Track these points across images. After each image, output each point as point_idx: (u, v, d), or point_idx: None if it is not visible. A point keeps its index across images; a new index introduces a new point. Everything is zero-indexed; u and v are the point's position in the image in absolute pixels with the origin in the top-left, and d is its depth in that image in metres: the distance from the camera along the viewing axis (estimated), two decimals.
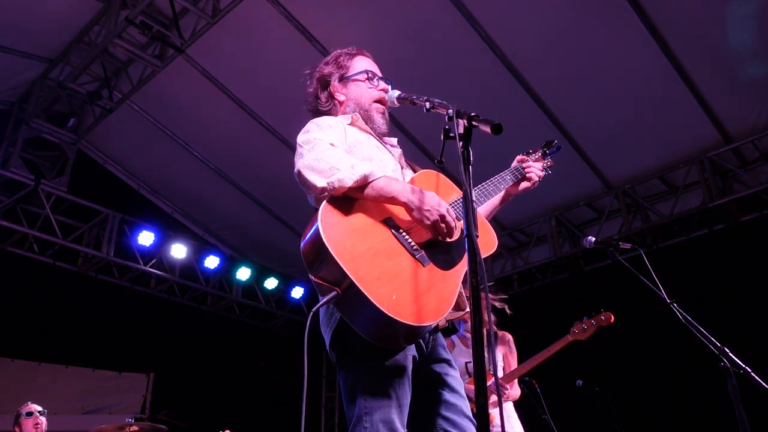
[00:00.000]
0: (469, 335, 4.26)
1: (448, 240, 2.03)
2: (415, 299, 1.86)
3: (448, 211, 1.98)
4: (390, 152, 2.35)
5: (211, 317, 9.05)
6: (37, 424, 4.88)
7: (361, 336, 1.89)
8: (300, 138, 2.12)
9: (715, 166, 6.53)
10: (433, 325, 1.91)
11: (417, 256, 1.96)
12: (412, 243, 1.99)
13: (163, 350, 8.40)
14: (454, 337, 4.28)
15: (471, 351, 4.11)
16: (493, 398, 3.94)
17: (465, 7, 5.59)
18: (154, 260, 8.08)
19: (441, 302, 1.91)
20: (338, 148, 2.06)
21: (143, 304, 8.35)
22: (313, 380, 9.91)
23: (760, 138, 6.27)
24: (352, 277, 1.80)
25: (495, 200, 2.49)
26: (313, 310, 1.91)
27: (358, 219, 1.96)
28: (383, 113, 2.38)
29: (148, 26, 5.76)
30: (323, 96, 2.42)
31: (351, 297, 1.83)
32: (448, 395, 2.10)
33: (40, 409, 5.00)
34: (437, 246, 2.02)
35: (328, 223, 1.88)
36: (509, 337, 4.36)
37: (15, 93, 7.19)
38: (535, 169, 2.52)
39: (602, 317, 3.95)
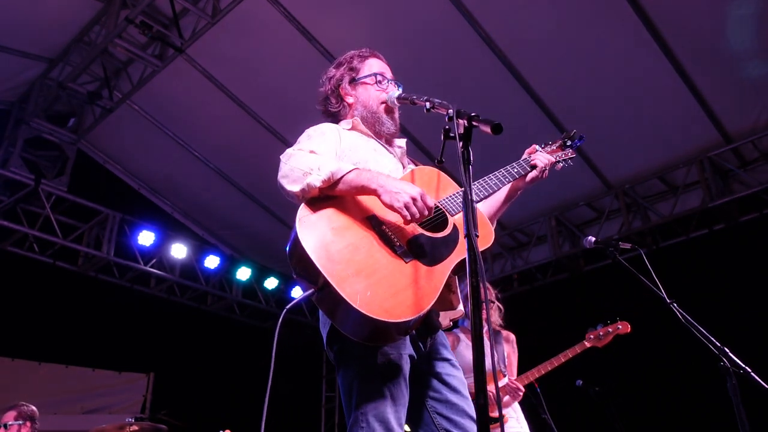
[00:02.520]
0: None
1: (435, 242, 2.01)
2: (392, 295, 1.85)
3: (421, 196, 1.93)
4: (391, 153, 2.36)
5: (211, 317, 9.05)
6: None
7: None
8: (284, 152, 2.13)
9: (715, 166, 6.53)
10: (413, 321, 1.87)
11: (399, 252, 1.95)
12: (395, 240, 1.98)
13: (163, 350, 8.39)
14: (457, 331, 4.20)
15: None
16: (506, 398, 3.93)
17: (465, 7, 5.59)
18: (154, 260, 8.07)
19: (421, 298, 1.89)
20: (318, 155, 2.06)
21: (143, 304, 8.34)
22: (313, 380, 9.91)
23: (760, 138, 6.26)
24: (325, 275, 1.82)
25: (500, 196, 2.42)
26: (287, 307, 1.96)
27: (338, 217, 1.98)
28: (391, 113, 2.38)
29: (148, 26, 5.76)
30: (333, 98, 2.44)
31: (327, 294, 1.85)
32: (449, 395, 2.09)
33: (5, 422, 4.75)
34: (423, 242, 2.01)
35: (305, 222, 1.92)
36: (513, 336, 4.33)
37: (15, 93, 7.19)
38: (542, 156, 2.44)
39: (619, 326, 3.94)
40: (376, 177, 1.98)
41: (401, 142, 2.44)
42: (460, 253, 2.01)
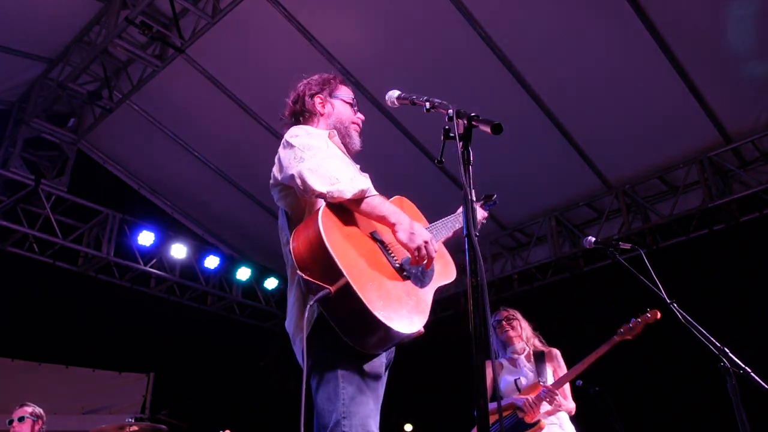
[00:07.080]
0: (515, 356, 4.17)
1: (422, 268, 2.15)
2: (399, 308, 1.96)
3: (431, 240, 2.08)
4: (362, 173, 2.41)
5: (211, 317, 9.05)
6: None
7: (339, 339, 1.92)
8: (295, 141, 2.14)
9: (715, 166, 6.53)
10: (411, 335, 1.96)
11: (396, 269, 2.07)
12: (394, 257, 2.11)
13: (163, 350, 8.40)
14: (503, 360, 4.14)
15: (518, 370, 4.09)
16: (546, 407, 3.89)
17: (465, 7, 5.59)
18: (154, 260, 8.08)
19: (420, 312, 2.02)
20: (335, 158, 2.12)
21: (143, 304, 8.35)
22: (308, 381, 9.90)
23: (760, 138, 6.26)
24: (348, 277, 1.85)
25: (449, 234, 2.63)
26: (309, 303, 1.92)
27: (351, 228, 2.06)
28: (359, 133, 2.49)
29: (148, 26, 5.76)
30: (309, 102, 2.44)
31: (343, 297, 1.86)
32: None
33: (21, 416, 4.88)
34: (411, 266, 2.13)
35: (327, 225, 1.95)
36: (556, 351, 4.25)
37: (15, 93, 7.19)
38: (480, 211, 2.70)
39: (648, 314, 3.89)
40: (396, 211, 2.10)
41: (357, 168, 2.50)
42: (440, 277, 2.25)
